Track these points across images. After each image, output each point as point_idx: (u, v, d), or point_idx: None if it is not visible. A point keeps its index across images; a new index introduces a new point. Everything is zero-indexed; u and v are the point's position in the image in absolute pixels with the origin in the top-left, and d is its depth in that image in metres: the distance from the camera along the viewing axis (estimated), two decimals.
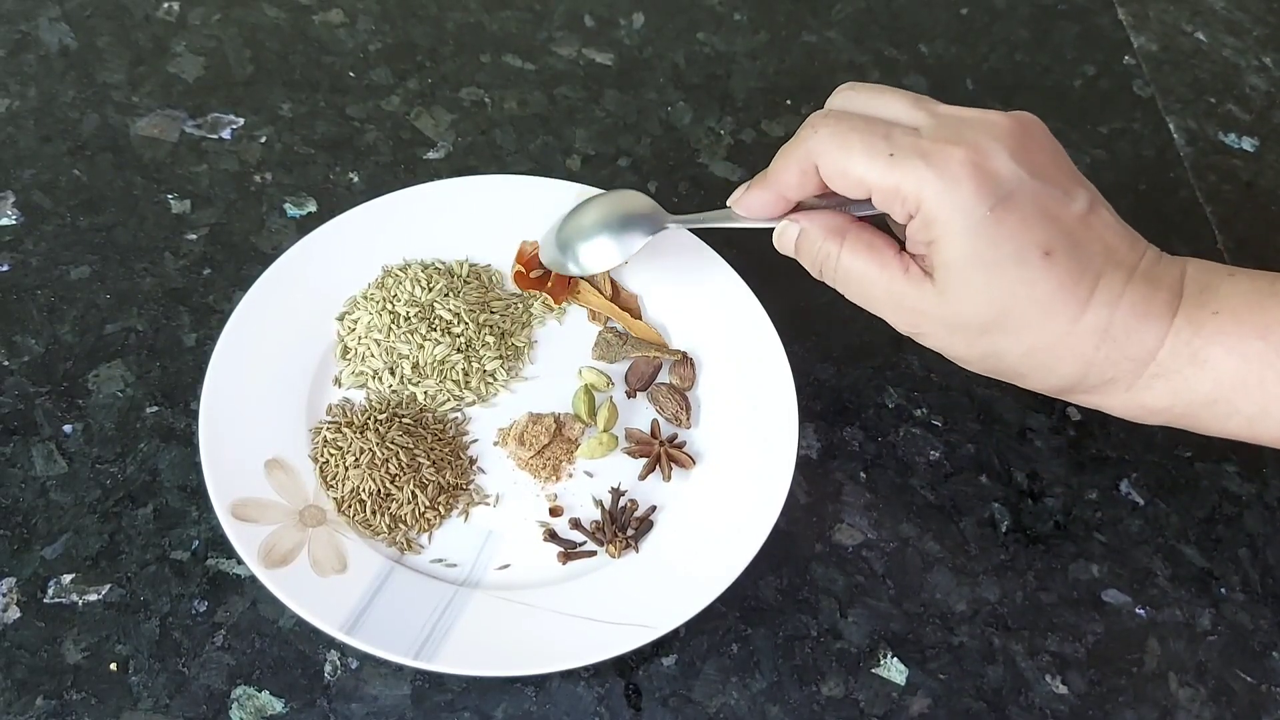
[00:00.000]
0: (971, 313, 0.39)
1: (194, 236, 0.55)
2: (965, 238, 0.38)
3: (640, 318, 0.53)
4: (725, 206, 0.45)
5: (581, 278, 0.53)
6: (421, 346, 0.50)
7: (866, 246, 0.41)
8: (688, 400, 0.50)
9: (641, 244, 0.49)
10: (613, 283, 0.53)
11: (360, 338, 0.50)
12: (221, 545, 0.45)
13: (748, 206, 0.44)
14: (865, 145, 0.39)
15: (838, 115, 0.41)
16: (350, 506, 0.46)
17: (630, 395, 0.51)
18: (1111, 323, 0.38)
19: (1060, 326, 0.38)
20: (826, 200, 0.43)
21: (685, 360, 0.52)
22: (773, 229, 0.45)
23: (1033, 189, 0.38)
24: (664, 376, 0.52)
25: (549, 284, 0.53)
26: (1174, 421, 0.41)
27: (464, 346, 0.50)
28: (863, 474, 0.50)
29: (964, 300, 0.39)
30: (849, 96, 0.43)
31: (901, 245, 0.42)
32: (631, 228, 0.49)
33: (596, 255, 0.49)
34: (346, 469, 0.46)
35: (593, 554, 0.46)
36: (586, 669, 0.44)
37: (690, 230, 0.53)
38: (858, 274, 0.42)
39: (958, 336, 0.41)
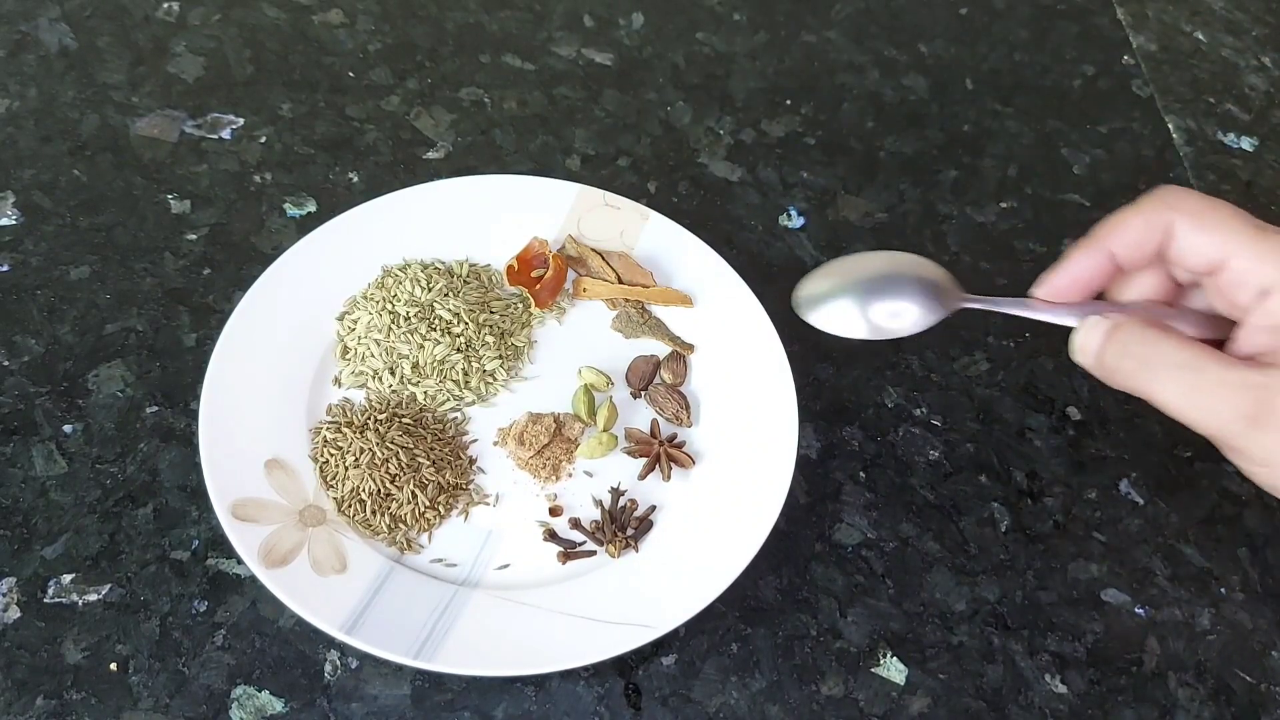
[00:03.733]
0: None
1: (194, 236, 0.55)
2: None
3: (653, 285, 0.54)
4: (1025, 295, 0.43)
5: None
6: (421, 346, 0.50)
7: (1191, 340, 0.39)
8: (687, 400, 0.50)
9: (935, 320, 0.44)
10: (615, 269, 0.53)
11: (360, 338, 0.50)
12: (221, 545, 0.45)
13: (1062, 280, 0.41)
14: (1233, 214, 0.38)
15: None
16: (350, 506, 0.46)
17: (635, 395, 0.51)
18: None
19: None
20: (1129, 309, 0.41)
21: (677, 356, 0.52)
22: (1067, 329, 0.42)
23: None
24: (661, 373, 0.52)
25: (538, 285, 0.53)
26: None
27: (464, 346, 0.50)
28: (862, 473, 0.50)
29: None
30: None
31: None
32: (925, 295, 0.44)
33: (837, 322, 0.44)
34: (346, 469, 0.46)
35: (592, 554, 0.46)
36: (586, 669, 0.44)
37: (677, 224, 0.54)
38: (1185, 362, 0.38)
39: None
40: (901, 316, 0.44)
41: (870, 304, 0.44)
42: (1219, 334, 0.40)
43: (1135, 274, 0.41)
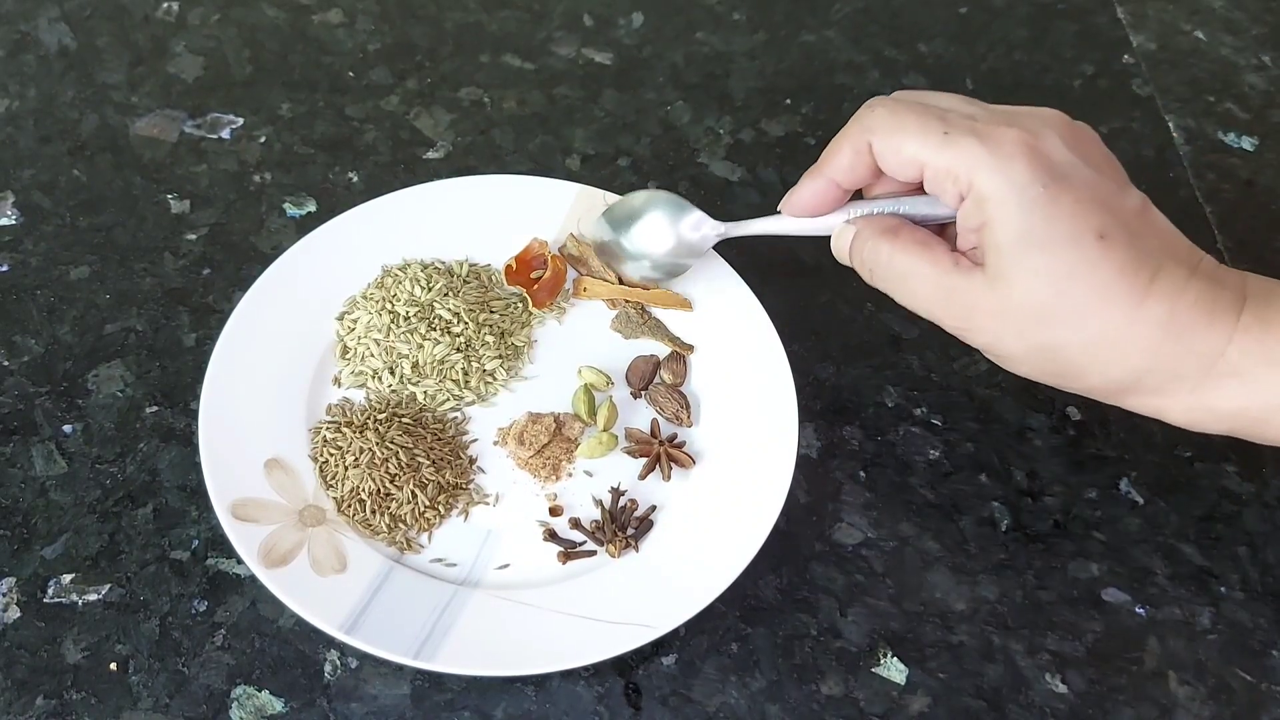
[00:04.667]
0: (1024, 297, 0.38)
1: (194, 236, 0.55)
2: (1018, 215, 0.37)
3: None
4: (776, 212, 0.46)
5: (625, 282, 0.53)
6: (421, 346, 0.50)
7: (917, 244, 0.41)
8: (688, 400, 0.50)
9: (701, 242, 0.50)
10: (615, 269, 0.53)
11: (360, 337, 0.50)
12: (221, 545, 0.45)
13: (798, 201, 0.44)
14: (920, 124, 0.39)
15: (895, 98, 0.41)
16: (350, 506, 0.46)
17: (635, 395, 0.51)
18: (1174, 314, 0.37)
19: (1120, 313, 0.37)
20: (879, 204, 0.44)
21: (677, 356, 0.52)
22: (826, 239, 0.45)
23: (1087, 175, 0.38)
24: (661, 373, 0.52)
25: (536, 285, 0.53)
26: (1243, 430, 0.39)
27: (464, 346, 0.50)
28: (862, 473, 0.50)
29: (1016, 282, 0.37)
30: (901, 94, 0.43)
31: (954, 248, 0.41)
32: (691, 212, 0.50)
33: (649, 235, 0.51)
34: (346, 469, 0.46)
35: (593, 554, 0.46)
36: (586, 669, 0.44)
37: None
38: (907, 270, 0.41)
39: (1010, 328, 0.39)
40: (700, 228, 0.50)
41: (678, 219, 0.50)
42: None
43: (881, 180, 0.43)
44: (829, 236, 0.45)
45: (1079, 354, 0.38)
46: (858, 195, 0.45)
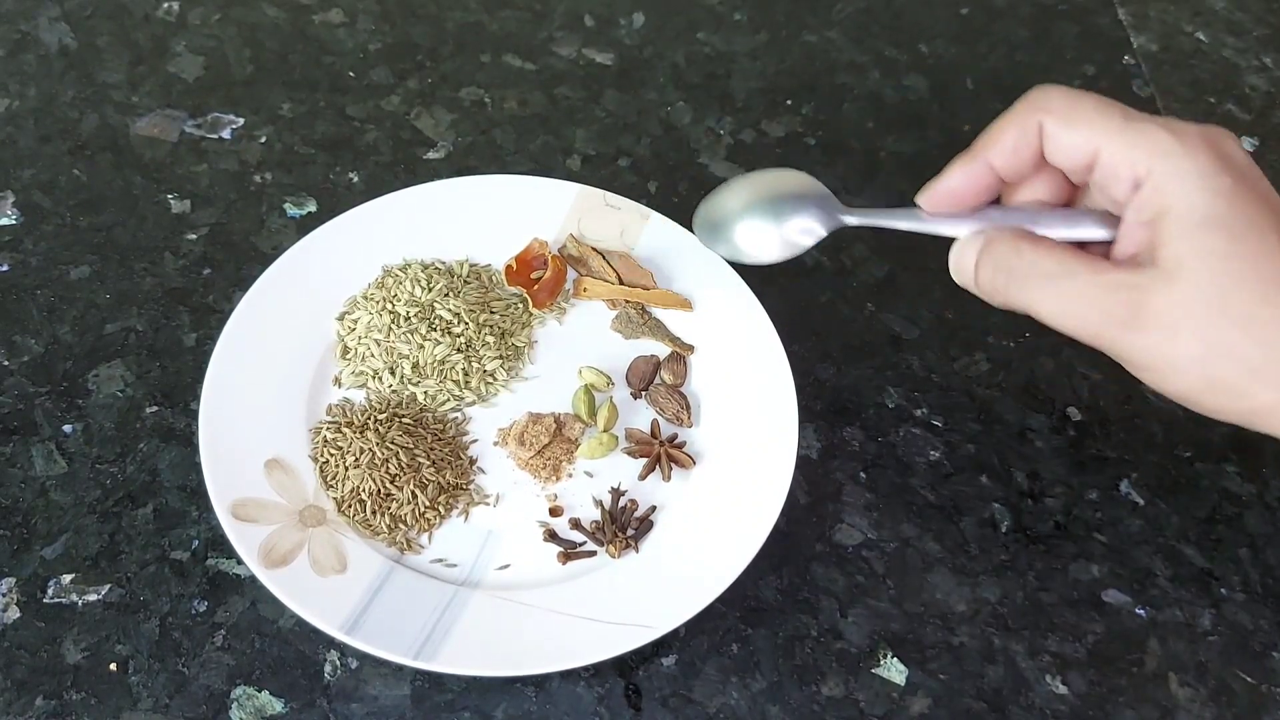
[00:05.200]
0: (1207, 284, 0.35)
1: (194, 236, 0.55)
2: (1205, 200, 0.35)
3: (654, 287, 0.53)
4: (912, 204, 0.42)
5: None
6: (421, 346, 0.50)
7: (1063, 247, 0.38)
8: (688, 400, 0.50)
9: (813, 240, 0.44)
10: (615, 269, 0.53)
11: (360, 338, 0.50)
12: (221, 545, 0.45)
13: (943, 188, 0.40)
14: (1099, 106, 0.37)
15: (1064, 88, 0.39)
16: (350, 506, 0.46)
17: (636, 396, 0.51)
18: None
19: None
20: (1014, 215, 0.40)
21: (677, 356, 0.52)
22: (950, 241, 0.41)
23: (1261, 181, 0.36)
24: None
25: (535, 286, 0.53)
26: None
27: (464, 346, 0.50)
28: (863, 474, 0.50)
29: (1200, 269, 0.35)
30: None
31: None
32: (797, 213, 0.44)
33: (754, 240, 0.45)
34: (346, 469, 0.46)
35: (593, 554, 0.46)
36: (586, 669, 0.44)
37: (677, 224, 0.51)
38: (1055, 270, 0.37)
39: (1187, 324, 0.35)
40: (810, 232, 0.44)
41: (783, 221, 0.45)
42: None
43: (1031, 179, 0.40)
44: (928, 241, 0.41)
45: (1259, 355, 0.35)
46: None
